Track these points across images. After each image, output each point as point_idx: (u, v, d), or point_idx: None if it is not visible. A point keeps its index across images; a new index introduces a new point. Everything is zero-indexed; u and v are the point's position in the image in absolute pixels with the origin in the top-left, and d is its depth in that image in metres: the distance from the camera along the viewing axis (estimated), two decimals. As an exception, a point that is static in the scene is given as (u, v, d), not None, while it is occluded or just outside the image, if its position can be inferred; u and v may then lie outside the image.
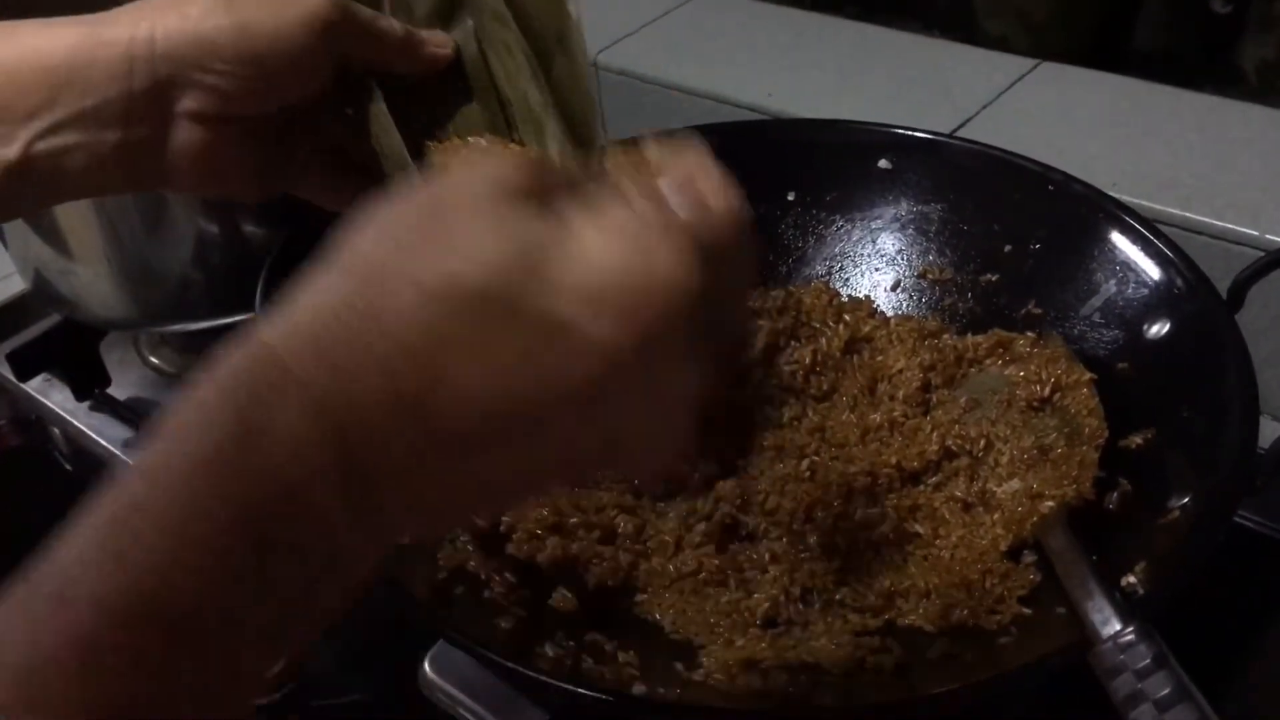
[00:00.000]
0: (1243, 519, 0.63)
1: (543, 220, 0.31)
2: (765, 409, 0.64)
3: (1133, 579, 0.48)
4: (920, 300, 0.70)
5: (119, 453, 0.81)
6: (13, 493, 0.86)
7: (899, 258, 0.71)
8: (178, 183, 0.47)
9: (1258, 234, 0.70)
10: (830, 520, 0.59)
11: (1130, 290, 0.61)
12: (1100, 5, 0.98)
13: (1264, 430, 0.52)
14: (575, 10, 0.50)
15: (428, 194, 0.31)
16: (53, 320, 0.86)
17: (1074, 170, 0.66)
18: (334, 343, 0.29)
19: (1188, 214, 0.72)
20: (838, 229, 0.72)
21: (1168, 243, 0.61)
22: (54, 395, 0.84)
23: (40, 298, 0.84)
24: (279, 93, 0.46)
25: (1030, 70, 0.89)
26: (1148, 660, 0.43)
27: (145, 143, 0.44)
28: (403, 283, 0.29)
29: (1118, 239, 0.62)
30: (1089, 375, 0.59)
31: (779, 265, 0.72)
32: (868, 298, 0.70)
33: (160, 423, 0.28)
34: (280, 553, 0.28)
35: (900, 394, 0.63)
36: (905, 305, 0.70)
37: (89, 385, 0.84)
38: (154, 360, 0.90)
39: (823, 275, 0.72)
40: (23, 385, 0.85)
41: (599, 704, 0.49)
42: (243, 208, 0.75)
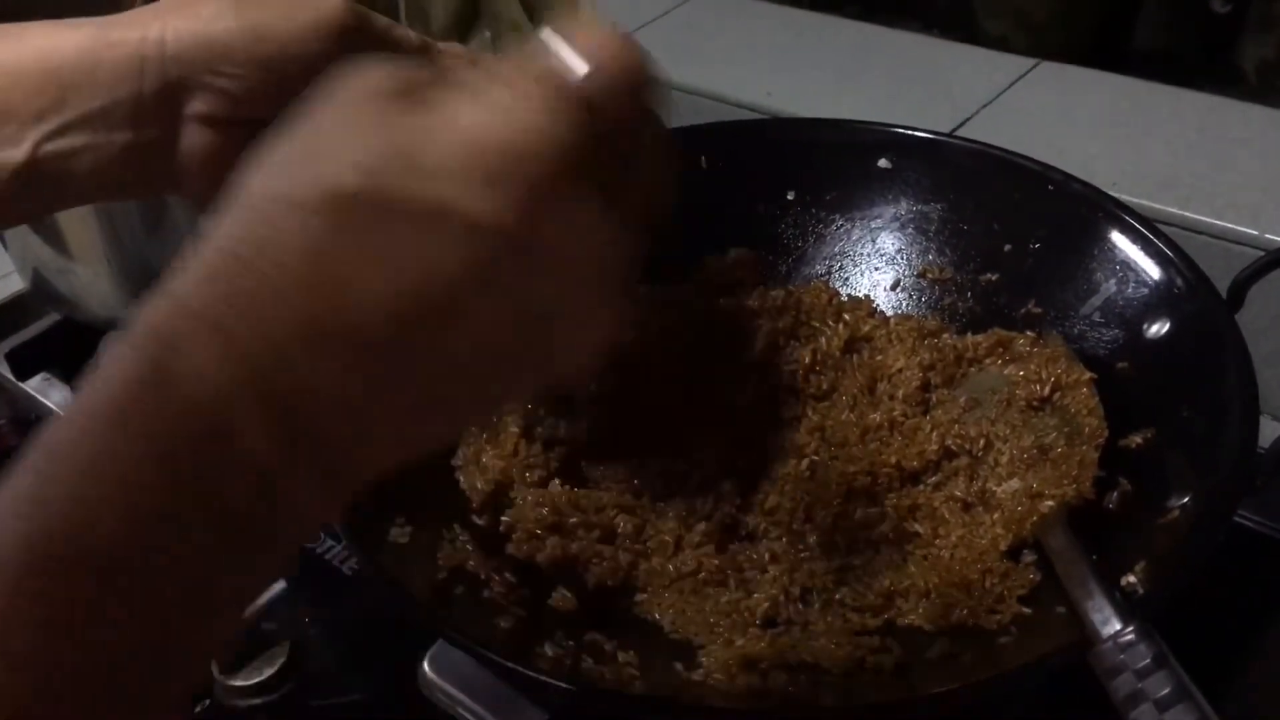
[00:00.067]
0: (1243, 519, 0.63)
1: (413, 113, 0.30)
2: (765, 408, 0.64)
3: (1132, 579, 0.48)
4: (920, 300, 0.70)
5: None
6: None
7: (899, 257, 0.71)
8: (186, 186, 0.47)
9: (1257, 233, 0.70)
10: (830, 520, 0.59)
11: (1130, 290, 0.61)
12: (1100, 5, 0.98)
13: (1264, 430, 0.52)
14: (590, 14, 0.50)
15: (300, 116, 0.31)
16: (52, 320, 0.86)
17: (1074, 170, 0.66)
18: (234, 280, 0.29)
19: (1187, 213, 0.72)
20: (837, 228, 0.72)
21: (1168, 242, 0.61)
22: (53, 395, 0.84)
23: (39, 297, 0.84)
24: (290, 96, 0.46)
25: (1030, 70, 0.89)
26: (1148, 660, 0.43)
27: (154, 145, 0.44)
28: (284, 206, 0.29)
29: (1117, 238, 0.62)
30: (1089, 375, 0.59)
31: (778, 264, 0.72)
32: (867, 297, 0.70)
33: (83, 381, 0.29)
34: (205, 490, 0.28)
35: (900, 393, 0.63)
36: (905, 305, 0.70)
37: (88, 385, 0.84)
38: (153, 360, 0.89)
39: (822, 275, 0.72)
40: (21, 385, 0.85)
41: (598, 703, 0.49)
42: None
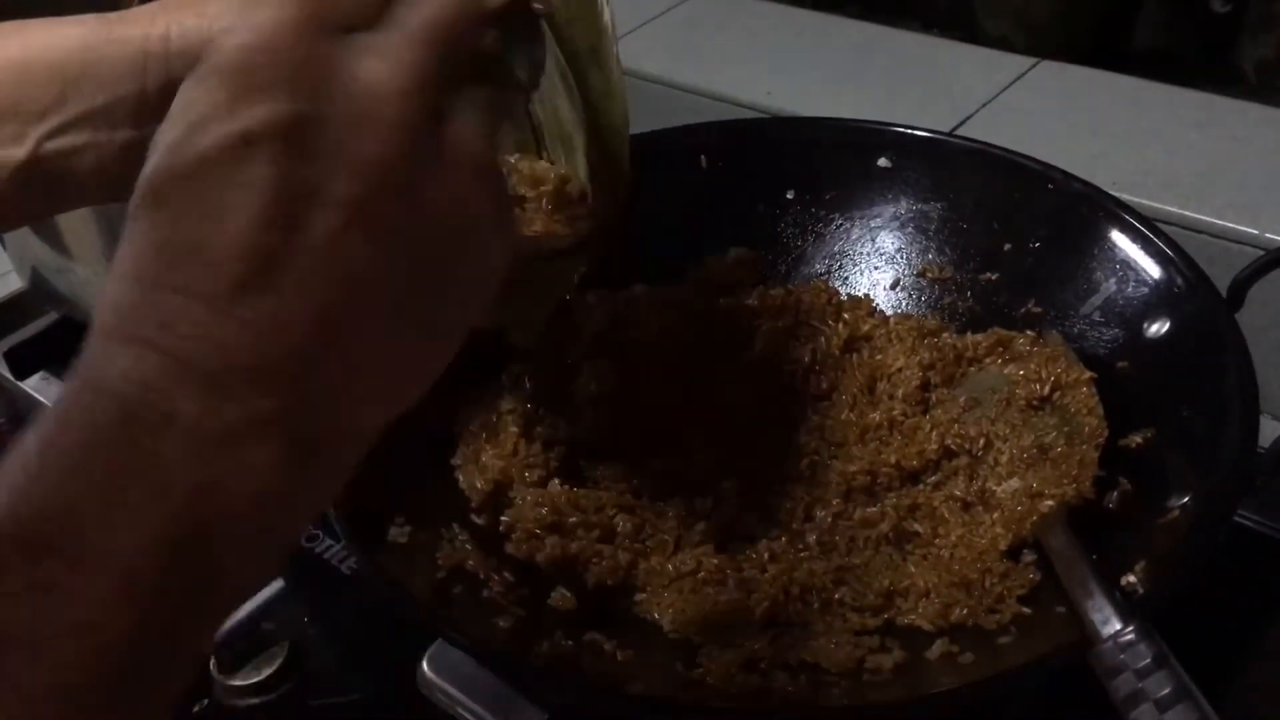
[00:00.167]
0: (1243, 518, 0.63)
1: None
2: (764, 408, 0.64)
3: (1132, 578, 0.48)
4: (919, 299, 0.70)
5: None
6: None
7: (898, 256, 0.71)
8: None
9: (1257, 233, 0.70)
10: (829, 519, 0.59)
11: (1130, 289, 0.61)
12: (1099, 5, 0.98)
13: (1264, 429, 0.52)
14: (609, 20, 0.50)
15: None
16: (50, 318, 0.86)
17: (1074, 169, 0.66)
18: (128, 285, 0.31)
19: (1187, 213, 0.72)
20: (837, 227, 0.72)
21: (1168, 241, 0.61)
22: (52, 393, 0.84)
23: (38, 296, 0.84)
24: None
25: (1030, 69, 0.89)
26: (1148, 660, 0.43)
27: None
28: (129, 221, 0.31)
29: (1117, 238, 0.62)
30: (1089, 374, 0.59)
31: (778, 264, 0.72)
32: (867, 296, 0.70)
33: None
34: (139, 464, 0.29)
35: (900, 393, 0.63)
36: (904, 304, 0.70)
37: (87, 384, 0.84)
38: (152, 359, 0.89)
39: (822, 274, 0.72)
40: (20, 384, 0.85)
41: (598, 703, 0.49)
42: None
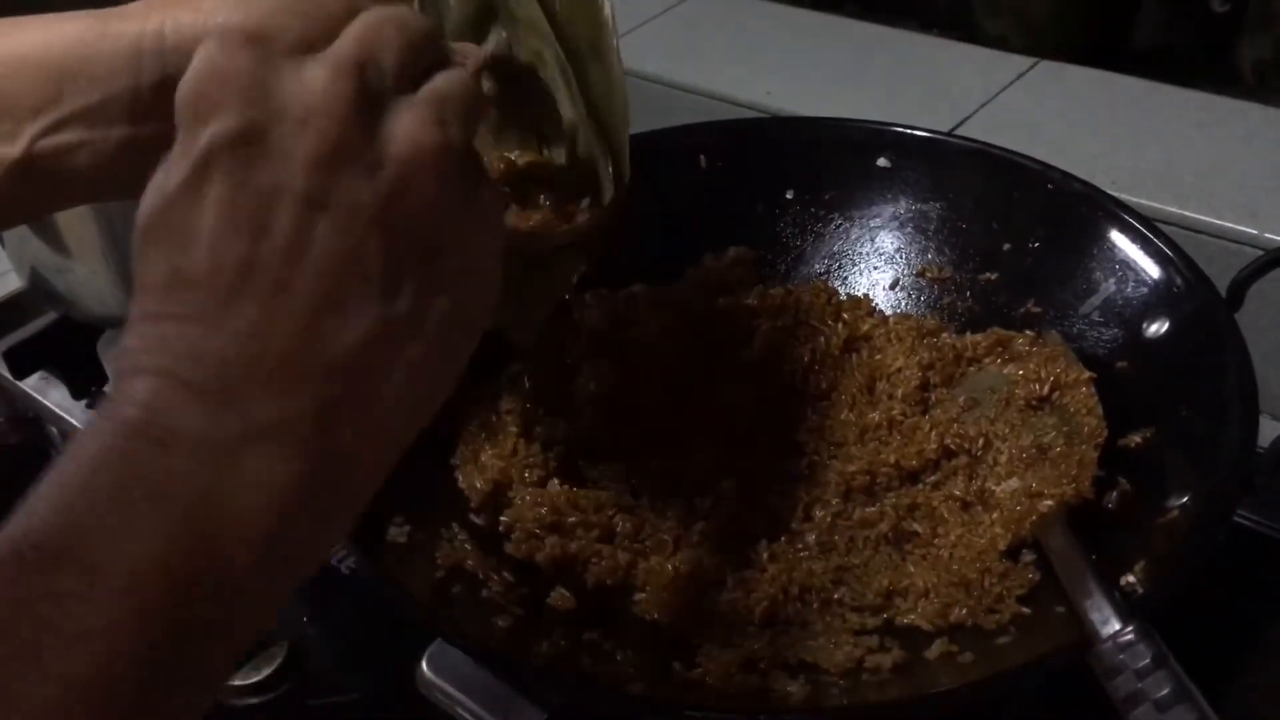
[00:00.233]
0: (1242, 518, 0.63)
1: None
2: (763, 408, 0.64)
3: (1132, 578, 0.48)
4: (919, 299, 0.70)
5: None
6: (10, 491, 0.86)
7: (897, 256, 0.71)
8: None
9: (1256, 232, 0.70)
10: (829, 519, 0.59)
11: (1129, 289, 0.61)
12: (1099, 4, 0.98)
13: (1263, 429, 0.52)
14: (610, 14, 0.50)
15: None
16: (49, 318, 0.86)
17: (1073, 169, 0.66)
18: (133, 327, 0.33)
19: (1186, 212, 0.72)
20: (836, 227, 0.72)
21: (1167, 241, 0.61)
22: (51, 393, 0.84)
23: (37, 296, 0.83)
24: None
25: (1029, 69, 0.89)
26: (1147, 660, 0.43)
27: (151, 140, 0.43)
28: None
29: (1117, 237, 0.62)
30: (1088, 374, 0.59)
31: (777, 263, 0.72)
32: (866, 296, 0.70)
33: None
34: (144, 478, 0.31)
35: (899, 393, 0.63)
36: (904, 304, 0.70)
37: (86, 383, 0.83)
38: (151, 358, 0.89)
39: (821, 274, 0.72)
40: (19, 383, 0.85)
41: (597, 703, 0.49)
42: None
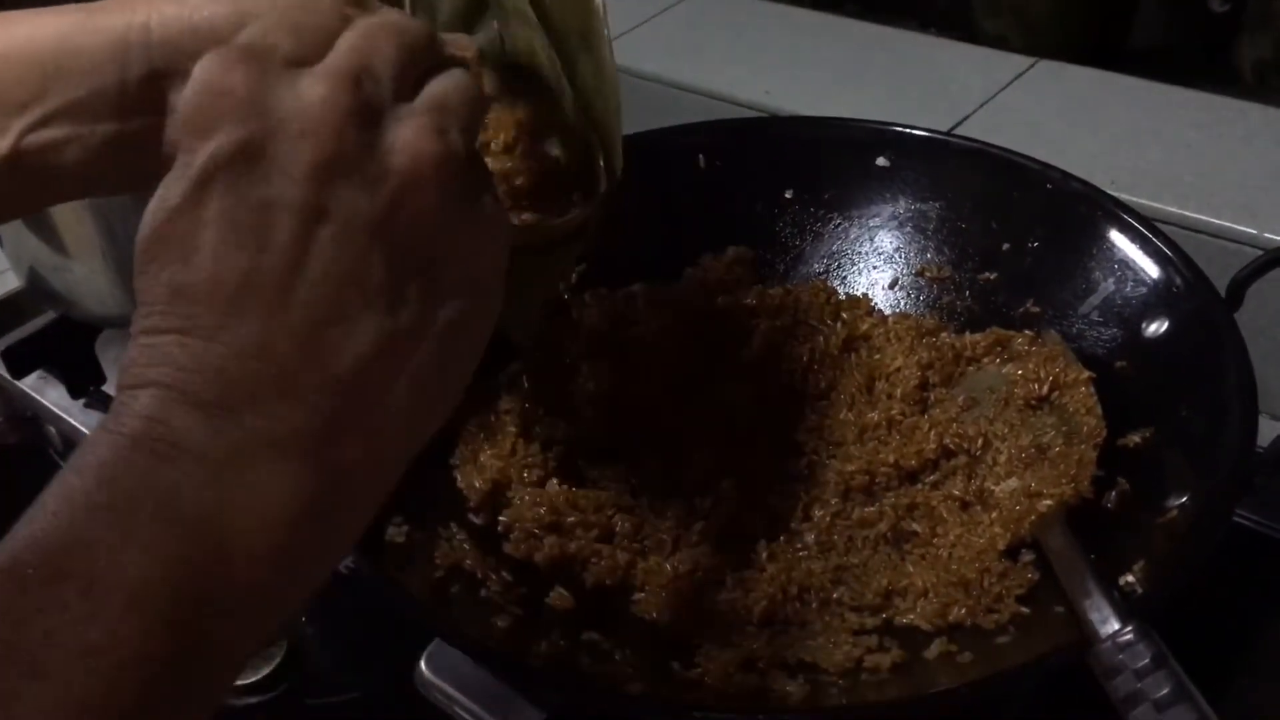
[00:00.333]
0: (1241, 518, 0.63)
1: None
2: (762, 407, 0.64)
3: (1131, 578, 0.48)
4: (918, 298, 0.70)
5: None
6: (8, 490, 0.86)
7: (897, 256, 0.71)
8: None
9: (1256, 232, 0.70)
10: (828, 519, 0.58)
11: (1129, 288, 0.61)
12: (1098, 4, 0.98)
13: (1263, 429, 0.52)
14: (600, 1, 0.50)
15: None
16: (48, 317, 0.85)
17: (1072, 168, 0.66)
18: (135, 342, 0.33)
19: (1186, 212, 0.72)
20: (835, 227, 0.72)
21: (1166, 241, 0.60)
22: (49, 393, 0.84)
23: (35, 295, 0.83)
24: None
25: (1028, 68, 0.89)
26: (1146, 660, 0.43)
27: (139, 136, 0.43)
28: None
29: (1116, 237, 0.62)
30: (1087, 374, 0.59)
31: (776, 263, 0.72)
32: (865, 296, 0.70)
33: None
34: (148, 491, 0.30)
35: (898, 392, 0.63)
36: (903, 303, 0.70)
37: (84, 383, 0.83)
38: (149, 358, 0.89)
39: (820, 273, 0.72)
40: (17, 383, 0.85)
41: (596, 703, 0.49)
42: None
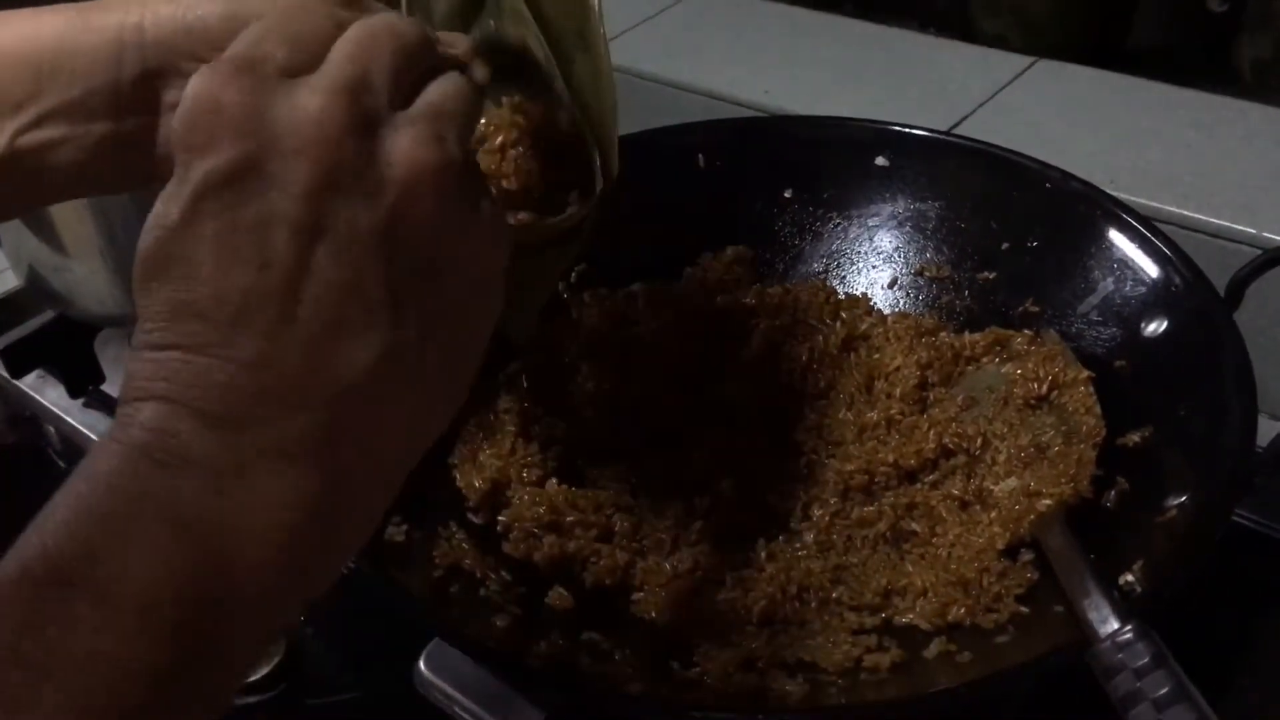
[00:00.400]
0: (1241, 518, 0.63)
1: None
2: (762, 407, 0.64)
3: (1130, 577, 0.48)
4: (917, 298, 0.70)
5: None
6: (7, 490, 0.86)
7: (896, 255, 0.71)
8: (166, 179, 0.46)
9: (1255, 232, 0.70)
10: (827, 518, 0.58)
11: (1128, 288, 0.61)
12: (1097, 4, 0.98)
13: (1262, 429, 0.52)
14: (596, 1, 0.49)
15: None
16: (47, 317, 0.85)
17: (1071, 168, 0.66)
18: (139, 356, 0.33)
19: (1185, 212, 0.72)
20: (834, 226, 0.72)
21: (1165, 240, 0.60)
22: (48, 392, 0.84)
23: (34, 294, 0.83)
24: None
25: (1027, 68, 0.89)
26: (1146, 659, 0.43)
27: (134, 135, 0.43)
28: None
29: (1115, 236, 0.62)
30: (1086, 373, 0.59)
31: (776, 262, 0.72)
32: (865, 295, 0.70)
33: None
34: (156, 501, 0.31)
35: (897, 392, 0.63)
36: (902, 303, 0.70)
37: (83, 382, 0.83)
38: (148, 357, 0.89)
39: (819, 273, 0.72)
40: (16, 382, 0.85)
41: (595, 703, 0.49)
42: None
